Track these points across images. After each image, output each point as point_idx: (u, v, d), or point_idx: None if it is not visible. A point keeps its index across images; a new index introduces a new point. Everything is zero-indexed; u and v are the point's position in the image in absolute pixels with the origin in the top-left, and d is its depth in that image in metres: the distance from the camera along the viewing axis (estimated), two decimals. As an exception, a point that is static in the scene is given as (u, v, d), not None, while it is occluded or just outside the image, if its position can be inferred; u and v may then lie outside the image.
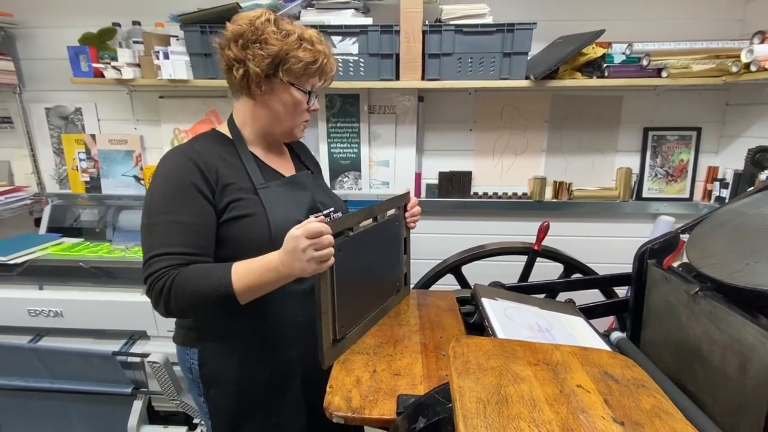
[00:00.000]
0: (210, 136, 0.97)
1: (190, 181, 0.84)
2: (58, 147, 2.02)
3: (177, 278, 0.79)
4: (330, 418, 0.76)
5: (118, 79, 1.71)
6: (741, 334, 0.73)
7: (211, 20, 1.60)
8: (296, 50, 0.89)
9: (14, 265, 1.59)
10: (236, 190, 0.89)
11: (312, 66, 0.91)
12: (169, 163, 0.87)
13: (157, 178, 0.86)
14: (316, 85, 0.95)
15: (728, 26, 1.75)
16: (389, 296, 1.14)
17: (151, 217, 0.83)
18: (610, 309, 1.24)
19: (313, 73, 0.93)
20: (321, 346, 0.85)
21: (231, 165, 0.91)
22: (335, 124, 1.91)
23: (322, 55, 0.92)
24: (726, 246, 0.88)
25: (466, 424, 0.52)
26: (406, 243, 1.19)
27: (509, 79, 1.62)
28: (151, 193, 0.85)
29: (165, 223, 0.82)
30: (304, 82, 0.93)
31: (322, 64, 0.92)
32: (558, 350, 0.71)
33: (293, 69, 0.90)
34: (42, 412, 1.54)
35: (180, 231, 0.82)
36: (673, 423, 0.55)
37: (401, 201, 1.13)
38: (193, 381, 0.99)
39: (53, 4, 1.86)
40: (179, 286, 0.79)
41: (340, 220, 0.87)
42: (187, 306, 0.80)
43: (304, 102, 0.94)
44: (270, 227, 0.88)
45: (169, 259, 0.81)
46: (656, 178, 1.91)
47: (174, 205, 0.83)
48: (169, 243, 0.81)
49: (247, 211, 0.88)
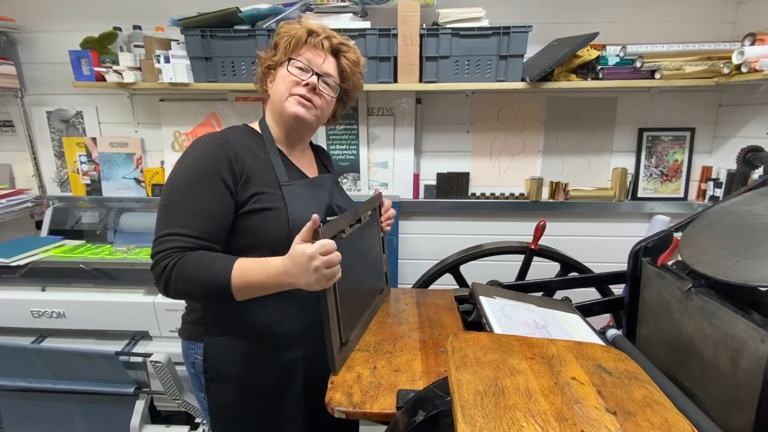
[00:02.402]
0: (241, 129, 1.00)
1: (215, 168, 0.86)
2: (59, 150, 2.04)
3: (182, 260, 0.80)
4: (331, 413, 0.78)
5: (119, 82, 1.72)
6: (733, 330, 0.75)
7: (211, 24, 1.62)
8: (285, 32, 0.97)
9: (17, 267, 1.60)
10: (261, 184, 0.91)
11: (293, 38, 0.95)
12: (199, 146, 0.88)
13: (184, 159, 0.87)
14: (310, 58, 0.96)
15: (720, 28, 1.77)
16: (377, 296, 1.16)
17: (171, 195, 0.85)
18: (605, 307, 1.25)
19: (297, 45, 0.96)
20: (331, 352, 0.85)
21: (259, 159, 0.94)
22: (334, 127, 1.93)
23: (306, 26, 0.96)
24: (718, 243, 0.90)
25: (464, 414, 0.54)
26: (383, 243, 1.21)
27: (506, 81, 1.65)
28: (175, 173, 0.86)
29: (183, 203, 0.84)
30: (294, 56, 0.96)
31: (302, 32, 0.95)
32: (553, 344, 0.73)
33: (280, 47, 0.97)
34: (45, 413, 1.55)
35: (196, 214, 0.84)
36: (663, 412, 0.57)
37: (376, 202, 1.16)
38: (195, 376, 1.00)
39: (55, 9, 1.88)
40: (182, 269, 0.80)
41: (333, 223, 0.88)
42: (185, 290, 0.82)
43: (285, 70, 0.96)
44: (289, 223, 0.90)
45: (179, 240, 0.82)
46: (651, 178, 1.94)
47: (195, 187, 0.84)
48: (183, 224, 0.83)
49: (270, 205, 0.90)
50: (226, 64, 1.68)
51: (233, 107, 1.94)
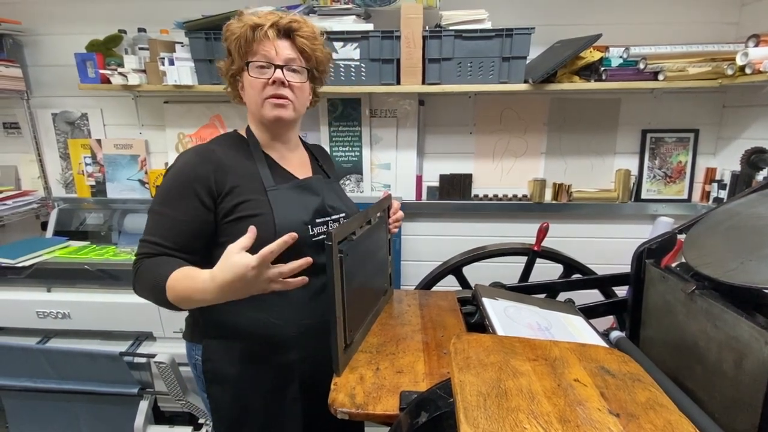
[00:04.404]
0: (230, 137, 1.02)
1: (190, 182, 0.89)
2: (65, 152, 2.05)
3: (142, 266, 0.86)
4: (334, 415, 0.78)
5: (124, 84, 1.74)
6: (737, 332, 0.75)
7: (215, 27, 1.63)
8: (230, 33, 0.94)
9: (22, 268, 1.61)
10: (247, 192, 0.92)
11: (240, 38, 0.91)
12: (181, 159, 0.92)
13: (168, 171, 0.93)
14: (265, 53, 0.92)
15: (724, 30, 1.77)
16: (380, 298, 1.16)
17: (153, 205, 0.91)
18: (609, 309, 1.25)
19: (247, 45, 0.92)
20: (335, 354, 0.85)
21: (245, 167, 0.95)
22: (337, 128, 1.93)
23: (249, 22, 0.91)
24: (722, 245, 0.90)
25: (467, 415, 0.54)
26: (390, 245, 1.22)
27: (508, 82, 1.65)
28: (161, 184, 0.92)
29: (156, 213, 0.89)
30: (252, 55, 0.93)
31: (246, 29, 0.91)
32: (556, 346, 0.73)
33: (233, 52, 0.94)
34: (50, 412, 1.56)
35: (163, 224, 0.88)
36: (667, 415, 0.57)
37: (386, 204, 1.16)
38: (197, 377, 1.01)
39: (60, 12, 1.90)
40: (141, 273, 0.86)
41: (345, 225, 0.89)
42: (143, 293, 0.87)
43: (248, 75, 0.93)
44: (276, 227, 0.90)
45: (148, 247, 0.87)
46: (655, 180, 1.93)
47: (167, 199, 0.89)
48: (153, 232, 0.88)
49: (255, 211, 0.91)
50: (230, 67, 1.69)
51: (236, 109, 1.95)
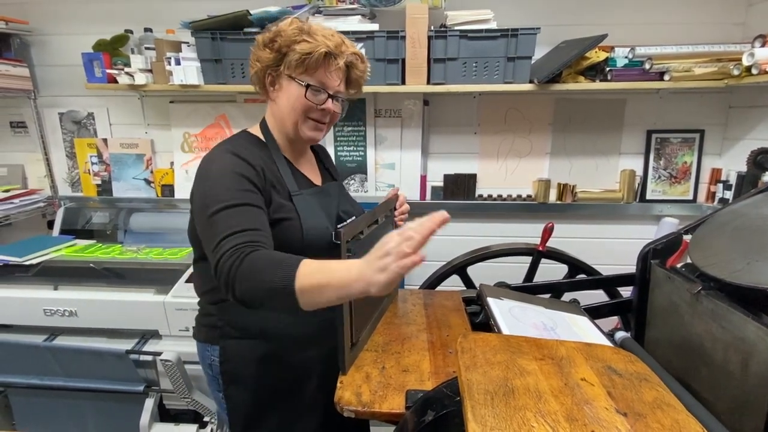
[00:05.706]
0: (246, 139, 0.96)
1: (244, 174, 0.84)
2: (71, 151, 2.07)
3: (247, 259, 0.72)
4: (341, 412, 0.78)
5: (130, 84, 1.75)
6: (743, 332, 0.75)
7: (221, 27, 1.64)
8: (295, 43, 0.89)
9: (30, 266, 1.62)
10: (276, 193, 0.91)
11: (308, 57, 0.88)
12: (218, 160, 0.87)
13: (208, 175, 0.85)
14: (325, 81, 0.92)
15: (730, 30, 1.76)
16: (385, 296, 1.16)
17: (210, 209, 0.80)
18: (614, 309, 1.25)
19: (312, 66, 0.90)
20: (342, 352, 0.86)
21: (271, 170, 0.92)
22: (342, 128, 1.94)
23: (323, 46, 0.88)
24: (728, 246, 0.90)
25: (475, 414, 0.54)
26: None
27: (513, 83, 1.65)
28: (204, 191, 0.83)
29: (225, 209, 0.79)
30: (308, 76, 0.91)
31: (319, 55, 0.88)
32: (563, 346, 0.73)
33: (292, 61, 0.89)
34: (57, 410, 1.57)
35: (241, 212, 0.80)
36: (674, 414, 0.57)
37: (392, 204, 1.16)
38: (213, 377, 1.01)
39: (67, 12, 1.91)
40: (247, 267, 0.72)
41: (353, 224, 0.90)
42: (249, 290, 0.72)
43: (302, 96, 0.91)
44: (303, 233, 0.90)
45: (237, 237, 0.75)
46: (660, 180, 1.93)
47: (232, 193, 0.81)
48: (233, 224, 0.78)
49: (284, 215, 0.90)
50: (236, 67, 1.70)
51: (242, 109, 1.96)
